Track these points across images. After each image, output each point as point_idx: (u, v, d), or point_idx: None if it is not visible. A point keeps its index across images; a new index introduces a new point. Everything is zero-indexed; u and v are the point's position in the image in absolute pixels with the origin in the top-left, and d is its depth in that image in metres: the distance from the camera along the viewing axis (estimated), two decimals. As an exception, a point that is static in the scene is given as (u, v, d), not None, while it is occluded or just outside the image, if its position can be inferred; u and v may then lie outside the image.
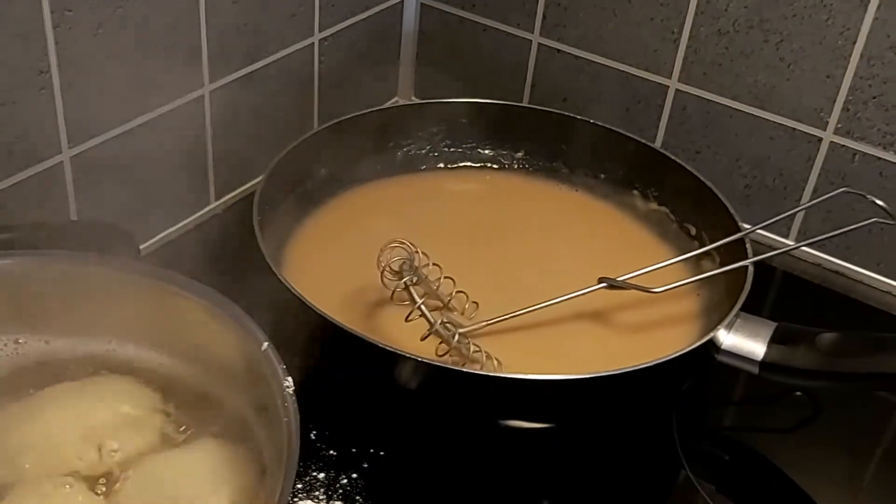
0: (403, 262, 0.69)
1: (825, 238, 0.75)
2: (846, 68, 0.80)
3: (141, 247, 0.77)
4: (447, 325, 0.68)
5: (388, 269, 0.69)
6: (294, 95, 0.89)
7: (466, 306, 0.73)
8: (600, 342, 0.74)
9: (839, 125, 0.82)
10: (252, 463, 0.55)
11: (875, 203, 0.74)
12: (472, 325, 0.71)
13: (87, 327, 0.60)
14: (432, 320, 0.67)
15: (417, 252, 0.70)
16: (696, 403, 0.73)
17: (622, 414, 0.71)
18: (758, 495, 0.67)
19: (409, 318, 0.67)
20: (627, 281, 0.72)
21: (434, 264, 0.72)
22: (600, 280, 0.72)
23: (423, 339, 0.67)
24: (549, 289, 0.73)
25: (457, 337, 0.67)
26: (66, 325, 0.59)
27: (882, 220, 0.73)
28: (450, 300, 0.73)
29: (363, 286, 0.75)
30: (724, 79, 0.85)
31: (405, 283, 0.68)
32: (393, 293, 0.69)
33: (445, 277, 0.72)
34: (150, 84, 0.74)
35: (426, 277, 0.71)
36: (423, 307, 0.67)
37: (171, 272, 0.58)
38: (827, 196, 0.77)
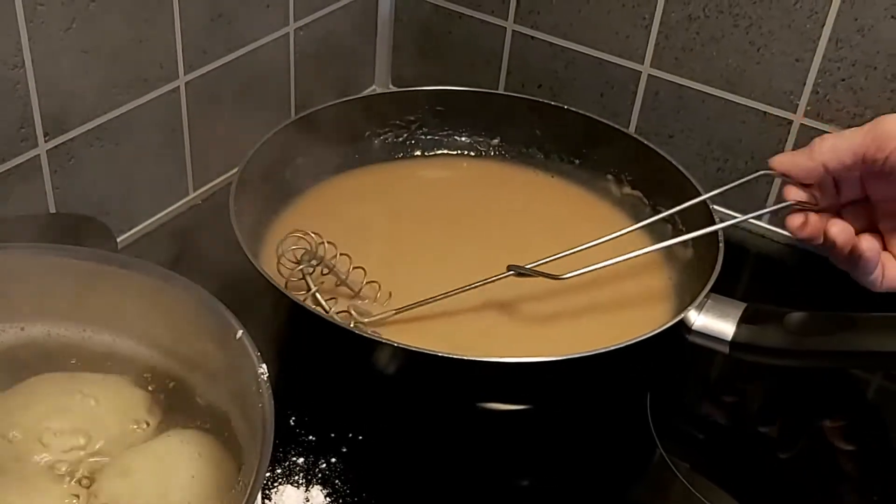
0: (304, 253, 0.71)
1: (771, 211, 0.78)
2: (815, 51, 0.81)
3: (119, 238, 0.78)
4: (349, 313, 0.69)
5: (284, 257, 0.71)
6: (270, 85, 0.89)
7: (378, 295, 0.74)
8: (573, 324, 0.75)
9: (809, 108, 0.83)
10: (229, 450, 0.56)
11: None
12: (379, 314, 0.71)
13: (64, 318, 0.60)
14: (327, 308, 0.68)
15: (323, 243, 0.71)
16: (670, 383, 0.74)
17: (597, 394, 0.72)
18: (732, 473, 0.69)
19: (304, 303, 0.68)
20: (535, 269, 0.72)
21: (342, 254, 0.73)
22: (509, 268, 0.72)
23: None
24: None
25: (352, 324, 0.69)
26: (43, 316, 0.60)
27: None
28: (360, 289, 0.74)
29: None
30: (696, 64, 0.86)
31: (301, 270, 0.70)
32: (287, 282, 0.70)
33: (355, 267, 0.73)
34: (125, 77, 0.75)
35: (335, 267, 0.72)
36: (317, 294, 0.69)
37: (146, 262, 0.59)
38: (749, 177, 0.77)
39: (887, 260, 0.70)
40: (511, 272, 0.72)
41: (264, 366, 0.52)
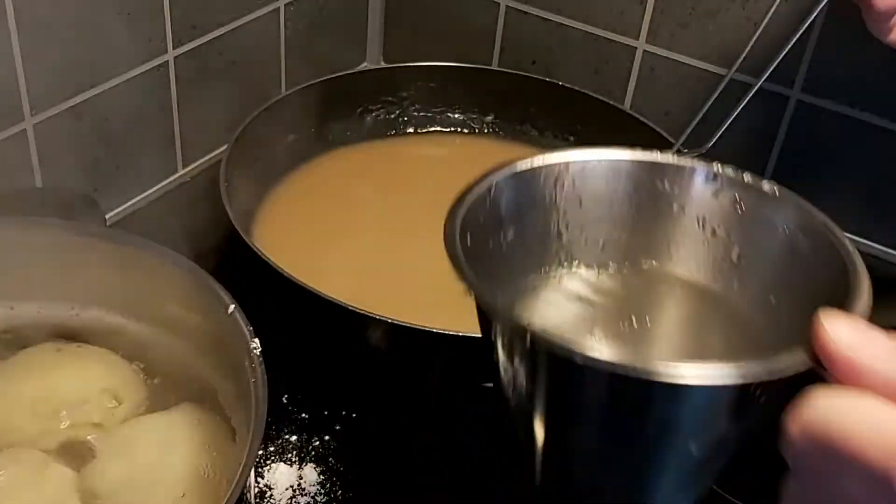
0: None
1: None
2: (812, 27, 0.80)
3: (108, 215, 0.77)
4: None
5: None
6: (260, 61, 0.88)
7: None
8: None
9: (805, 84, 0.82)
10: (222, 426, 0.56)
11: None
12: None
13: (53, 293, 0.59)
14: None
15: None
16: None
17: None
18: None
19: None
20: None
21: None
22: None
23: None
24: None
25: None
26: (31, 291, 0.59)
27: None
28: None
29: (332, 251, 0.75)
30: (691, 39, 0.85)
31: None
32: None
33: None
34: (113, 51, 0.74)
35: None
36: None
37: (136, 237, 0.58)
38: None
39: None
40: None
41: (257, 340, 0.52)
